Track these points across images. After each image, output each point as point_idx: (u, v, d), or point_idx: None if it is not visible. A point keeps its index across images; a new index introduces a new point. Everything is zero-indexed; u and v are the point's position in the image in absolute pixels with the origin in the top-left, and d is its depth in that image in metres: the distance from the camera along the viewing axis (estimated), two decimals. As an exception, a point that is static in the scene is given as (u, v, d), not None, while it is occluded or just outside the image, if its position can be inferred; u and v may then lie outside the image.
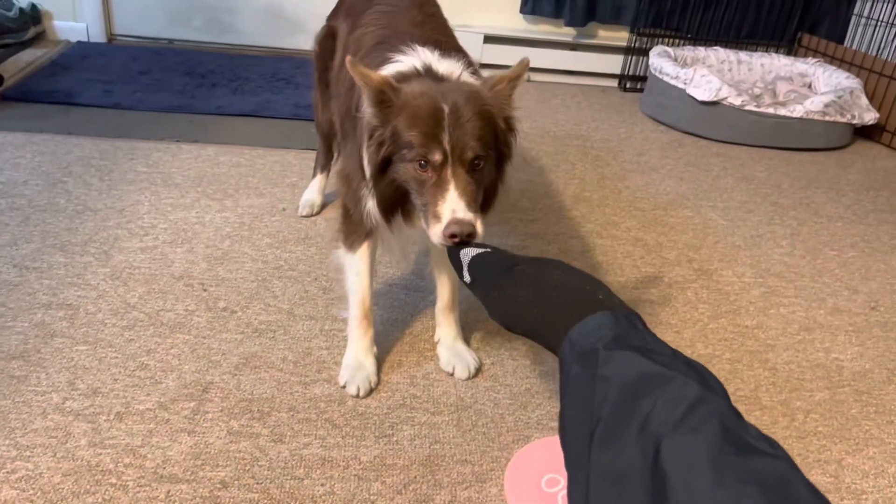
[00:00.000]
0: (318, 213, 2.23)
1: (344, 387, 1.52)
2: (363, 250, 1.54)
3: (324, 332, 1.68)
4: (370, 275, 1.57)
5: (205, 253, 1.95)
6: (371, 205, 1.38)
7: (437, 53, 1.44)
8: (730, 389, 1.62)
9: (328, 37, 1.97)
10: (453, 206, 1.22)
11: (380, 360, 1.61)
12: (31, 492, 1.20)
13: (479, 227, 1.24)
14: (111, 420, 1.37)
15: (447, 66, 1.41)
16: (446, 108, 1.24)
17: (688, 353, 1.75)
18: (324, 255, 2.00)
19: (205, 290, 1.79)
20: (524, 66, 1.35)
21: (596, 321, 0.93)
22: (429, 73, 1.39)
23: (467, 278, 1.20)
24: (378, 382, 1.54)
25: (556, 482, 1.32)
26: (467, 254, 1.21)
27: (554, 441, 1.43)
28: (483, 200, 1.35)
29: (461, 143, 1.24)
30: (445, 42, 1.56)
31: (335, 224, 1.64)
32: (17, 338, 1.55)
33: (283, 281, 1.87)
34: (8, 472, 1.23)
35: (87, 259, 1.86)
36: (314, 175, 2.28)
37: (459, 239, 1.21)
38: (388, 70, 1.40)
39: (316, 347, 1.63)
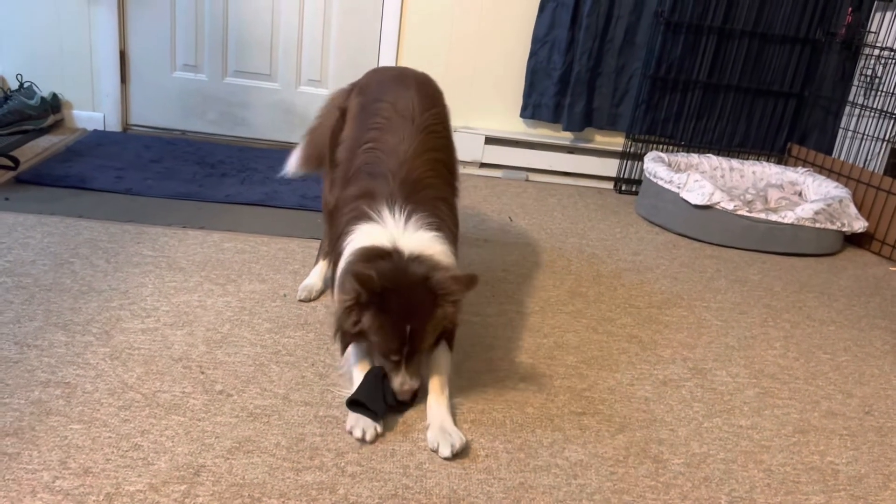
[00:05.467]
0: (315, 299, 2.27)
1: (350, 432, 1.64)
2: None
3: (318, 419, 1.68)
4: None
5: (205, 336, 1.97)
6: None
7: (409, 222, 1.69)
8: (724, 490, 1.62)
9: (339, 120, 2.12)
10: (402, 380, 1.67)
11: (373, 449, 1.61)
12: (15, 572, 1.18)
13: (417, 385, 1.70)
14: (100, 501, 1.35)
15: (415, 244, 1.66)
16: (408, 327, 1.60)
17: (682, 451, 1.75)
18: (322, 342, 2.02)
19: (202, 373, 1.80)
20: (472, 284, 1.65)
21: None
22: (395, 253, 1.64)
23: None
24: (382, 430, 1.66)
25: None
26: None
27: (547, 537, 1.41)
28: (444, 339, 1.79)
29: (418, 346, 1.64)
30: (427, 191, 1.79)
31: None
32: (12, 414, 1.56)
33: (281, 366, 1.88)
34: (-8, 551, 1.21)
35: (88, 338, 1.88)
36: (317, 261, 2.34)
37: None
38: (357, 244, 1.68)
39: (310, 434, 1.63)
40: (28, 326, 1.90)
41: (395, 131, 1.87)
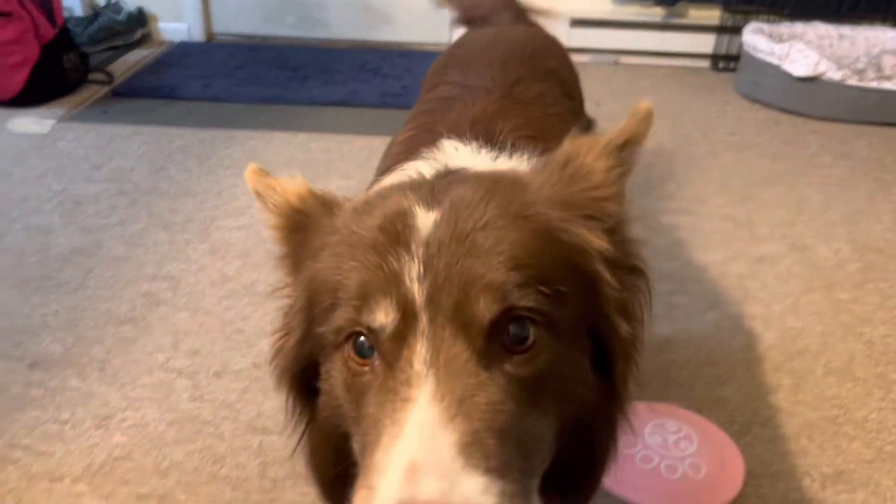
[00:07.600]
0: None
1: None
2: None
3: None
4: None
5: (295, 230, 2.04)
6: None
7: (480, 146, 0.91)
8: (821, 362, 1.58)
9: None
10: (411, 447, 0.55)
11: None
12: (139, 438, 1.31)
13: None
14: (210, 378, 1.46)
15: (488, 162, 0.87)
16: (428, 215, 0.66)
17: (776, 326, 1.71)
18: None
19: (295, 264, 1.88)
20: (645, 116, 0.77)
21: None
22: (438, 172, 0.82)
23: None
24: None
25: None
26: None
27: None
28: (576, 469, 0.70)
29: (459, 277, 0.61)
30: (528, 137, 1.00)
31: None
32: (126, 305, 1.68)
33: (369, 255, 1.93)
34: (119, 421, 1.35)
35: (188, 236, 1.99)
36: None
37: None
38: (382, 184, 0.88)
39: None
40: (133, 228, 2.02)
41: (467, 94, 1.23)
